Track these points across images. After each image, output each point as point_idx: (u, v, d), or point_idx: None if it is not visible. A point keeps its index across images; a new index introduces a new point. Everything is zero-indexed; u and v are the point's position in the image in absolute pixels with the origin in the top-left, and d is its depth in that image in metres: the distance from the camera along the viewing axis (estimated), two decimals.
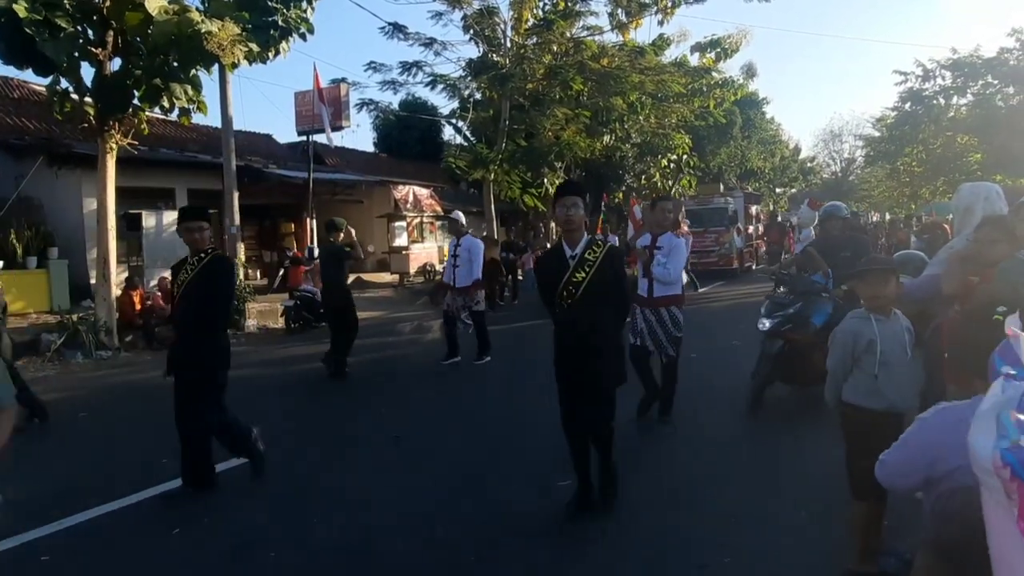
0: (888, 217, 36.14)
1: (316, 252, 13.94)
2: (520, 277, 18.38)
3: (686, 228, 19.16)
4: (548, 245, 23.48)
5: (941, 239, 7.69)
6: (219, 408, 4.48)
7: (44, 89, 11.17)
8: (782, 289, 6.17)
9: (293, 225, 19.96)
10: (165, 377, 4.47)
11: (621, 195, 24.86)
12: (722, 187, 26.43)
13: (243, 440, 4.66)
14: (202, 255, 4.44)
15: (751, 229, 24.12)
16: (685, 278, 18.44)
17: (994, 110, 21.21)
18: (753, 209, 25.78)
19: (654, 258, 5.46)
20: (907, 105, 25.58)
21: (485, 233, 18.17)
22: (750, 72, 25.48)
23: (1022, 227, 3.23)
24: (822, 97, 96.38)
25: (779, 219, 29.64)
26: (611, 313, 3.74)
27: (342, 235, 8.17)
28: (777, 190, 45.66)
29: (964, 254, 3.27)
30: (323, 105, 15.83)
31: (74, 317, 10.42)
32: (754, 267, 23.31)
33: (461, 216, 9.10)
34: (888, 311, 2.99)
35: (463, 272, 8.44)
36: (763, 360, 5.76)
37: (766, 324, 5.72)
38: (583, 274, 3.64)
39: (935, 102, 24.26)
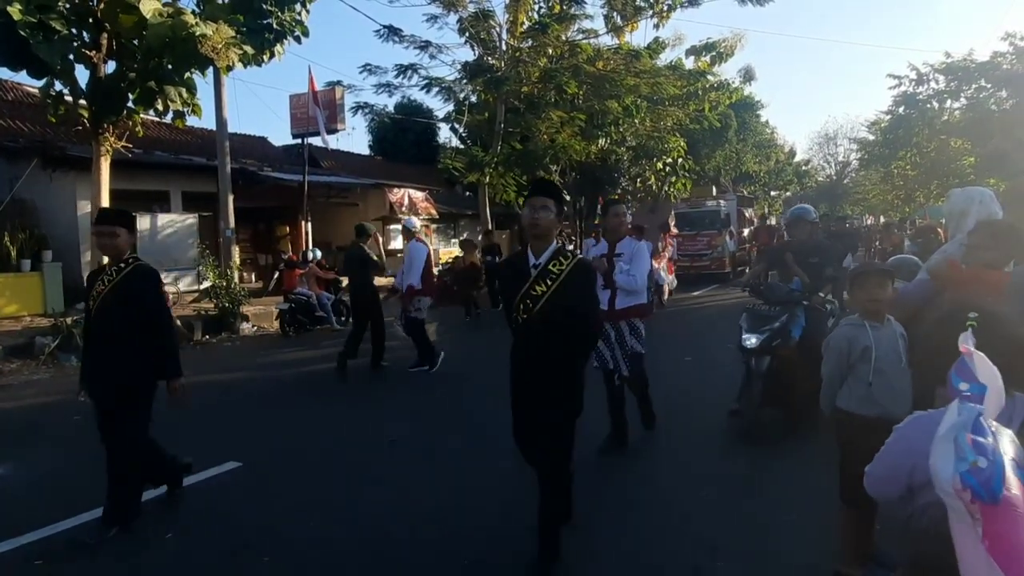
0: (882, 220, 36.31)
1: (316, 255, 13.93)
2: None
3: (675, 231, 18.68)
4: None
5: (934, 243, 7.71)
6: (145, 431, 4.02)
7: (38, 91, 11.14)
8: (759, 302, 5.56)
9: (288, 228, 19.95)
10: (78, 397, 4.10)
11: (616, 197, 24.90)
12: (715, 190, 26.23)
13: (160, 466, 4.25)
14: (122, 264, 4.04)
15: (744, 232, 24.00)
16: (674, 281, 17.47)
17: (987, 114, 21.32)
18: (746, 212, 25.58)
19: (615, 266, 5.01)
20: (901, 109, 25.70)
21: (465, 236, 18.18)
22: (748, 76, 25.45)
23: None
24: (817, 100, 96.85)
25: (769, 222, 29.64)
26: (573, 336, 3.19)
27: (371, 240, 9.07)
28: (772, 193, 45.80)
29: (958, 258, 3.28)
30: (317, 107, 15.83)
31: (68, 320, 10.37)
32: (747, 271, 23.38)
33: (411, 222, 9.02)
34: (882, 317, 2.99)
35: (401, 277, 8.59)
36: (752, 381, 5.17)
37: (752, 341, 5.12)
38: (543, 287, 3.16)
39: (929, 106, 24.38)
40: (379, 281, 9.41)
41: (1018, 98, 19.86)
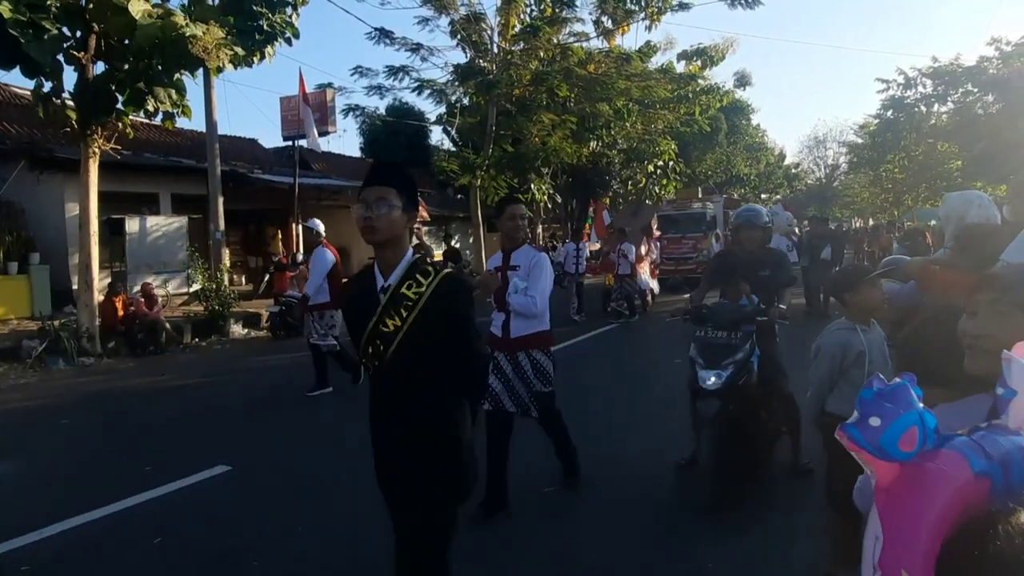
0: (872, 223, 36.56)
1: (300, 258, 13.87)
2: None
3: (657, 234, 18.22)
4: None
5: (922, 246, 7.78)
6: None
7: (27, 92, 11.06)
8: (707, 329, 4.14)
9: (280, 231, 19.87)
10: None
11: (608, 200, 24.96)
12: (700, 191, 25.75)
13: None
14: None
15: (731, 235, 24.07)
16: (656, 286, 16.84)
17: (974, 118, 21.54)
18: (732, 214, 25.57)
19: (509, 281, 3.96)
20: (889, 112, 25.92)
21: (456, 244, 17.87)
22: (743, 81, 25.50)
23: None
24: (807, 104, 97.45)
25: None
26: (449, 389, 2.19)
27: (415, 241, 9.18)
28: (762, 196, 46.03)
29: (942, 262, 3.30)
30: (307, 109, 15.78)
31: (56, 323, 10.29)
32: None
33: (316, 224, 7.85)
34: (869, 321, 3.00)
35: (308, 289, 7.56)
36: (709, 430, 3.87)
37: (713, 380, 3.87)
38: (396, 321, 2.10)
39: (916, 110, 24.61)
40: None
41: (1004, 102, 20.06)
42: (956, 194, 3.79)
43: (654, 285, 15.29)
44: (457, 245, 23.35)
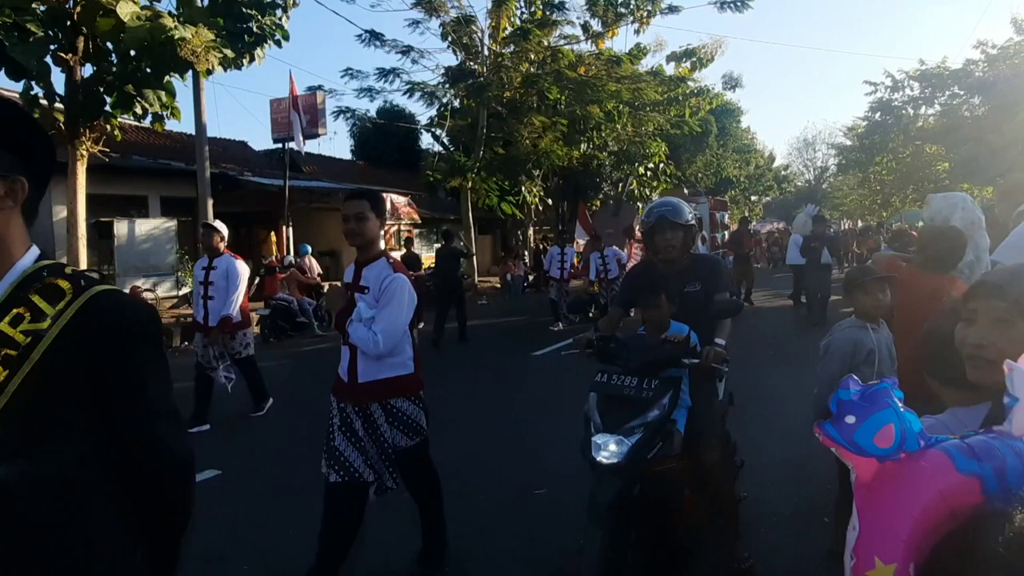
0: (860, 224, 36.82)
1: (299, 256, 13.82)
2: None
3: (639, 236, 18.53)
4: (527, 255, 23.49)
5: (910, 247, 7.85)
6: None
7: (14, 94, 10.96)
8: (611, 373, 2.90)
9: (272, 234, 19.81)
10: None
11: (599, 203, 25.03)
12: (685, 192, 25.37)
13: None
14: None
15: (717, 237, 23.05)
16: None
17: (960, 120, 21.76)
18: (719, 216, 24.44)
19: (354, 307, 3.04)
20: (877, 115, 26.15)
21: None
22: (733, 83, 25.57)
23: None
24: (796, 106, 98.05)
25: (750, 227, 29.17)
26: (107, 533, 1.14)
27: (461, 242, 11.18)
28: (752, 198, 46.29)
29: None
30: (295, 112, 15.74)
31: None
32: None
33: (219, 227, 6.63)
34: (878, 320, 3.00)
35: (217, 305, 6.24)
36: (601, 519, 2.58)
37: (611, 451, 2.65)
38: None
39: (904, 112, 24.84)
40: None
41: (990, 105, 20.28)
42: (940, 196, 3.83)
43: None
44: (418, 251, 22.86)
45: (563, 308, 12.41)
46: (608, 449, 2.64)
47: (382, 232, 2.47)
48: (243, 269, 6.41)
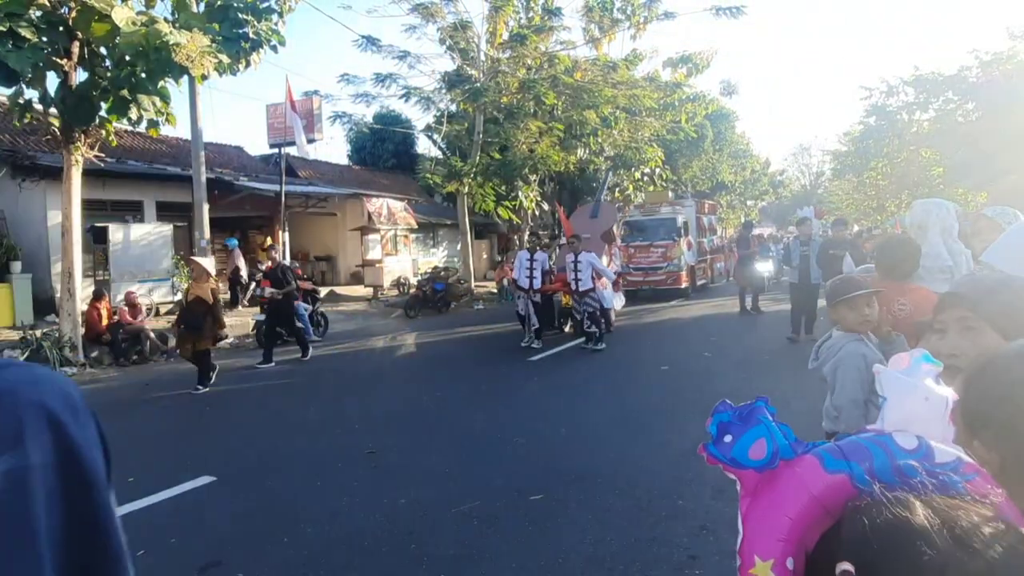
0: (855, 228, 36.92)
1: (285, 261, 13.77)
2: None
3: (620, 241, 16.22)
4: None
5: None
6: None
7: (7, 99, 10.95)
8: None
9: (269, 238, 19.78)
10: None
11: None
12: (671, 195, 23.84)
13: None
14: None
15: (705, 242, 21.59)
16: (620, 302, 12.98)
17: (954, 125, 21.87)
18: (706, 220, 22.66)
19: None
20: (872, 120, 26.28)
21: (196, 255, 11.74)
22: (730, 90, 25.65)
23: (977, 240, 3.31)
24: (792, 111, 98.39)
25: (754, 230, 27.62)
26: None
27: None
28: (748, 202, 46.46)
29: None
30: (296, 116, 15.74)
31: (38, 333, 10.17)
32: (710, 284, 21.60)
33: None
34: (866, 331, 2.96)
35: None
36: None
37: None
38: None
39: (899, 117, 24.97)
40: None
41: (984, 110, 20.40)
42: (920, 202, 3.87)
43: (617, 301, 12.90)
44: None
45: (532, 322, 10.96)
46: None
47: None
48: None
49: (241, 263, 15.87)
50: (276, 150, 18.01)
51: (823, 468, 0.91)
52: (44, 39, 9.19)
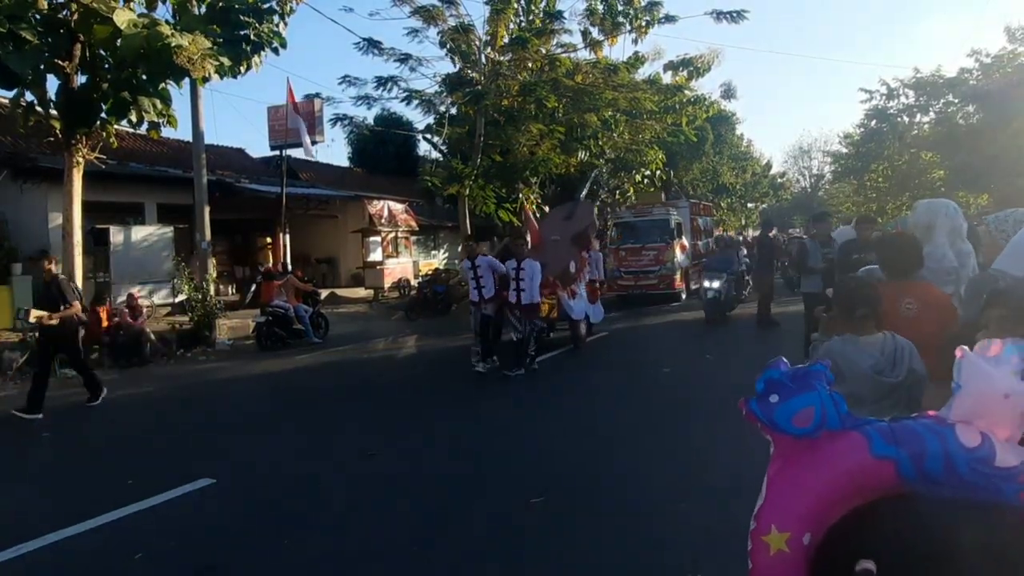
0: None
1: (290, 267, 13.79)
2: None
3: (597, 246, 13.72)
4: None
5: None
6: None
7: (8, 102, 10.96)
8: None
9: (270, 240, 19.80)
10: None
11: (596, 209, 25.00)
12: (664, 196, 23.50)
13: None
14: None
15: (699, 245, 20.95)
16: (600, 310, 11.37)
17: (955, 128, 21.87)
18: (701, 221, 21.93)
19: None
20: (872, 122, 26.29)
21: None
22: (729, 93, 25.53)
23: (988, 240, 3.28)
24: (793, 114, 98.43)
25: (771, 233, 23.09)
26: None
27: None
28: (749, 205, 46.42)
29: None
30: (299, 118, 15.74)
31: (37, 335, 10.13)
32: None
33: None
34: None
35: None
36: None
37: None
38: None
39: (899, 120, 24.97)
40: None
41: (984, 113, 20.40)
42: (925, 202, 3.84)
43: (592, 311, 11.38)
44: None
45: (477, 349, 9.07)
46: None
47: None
48: None
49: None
50: (277, 152, 18.01)
51: (869, 451, 0.86)
52: (45, 41, 9.20)
